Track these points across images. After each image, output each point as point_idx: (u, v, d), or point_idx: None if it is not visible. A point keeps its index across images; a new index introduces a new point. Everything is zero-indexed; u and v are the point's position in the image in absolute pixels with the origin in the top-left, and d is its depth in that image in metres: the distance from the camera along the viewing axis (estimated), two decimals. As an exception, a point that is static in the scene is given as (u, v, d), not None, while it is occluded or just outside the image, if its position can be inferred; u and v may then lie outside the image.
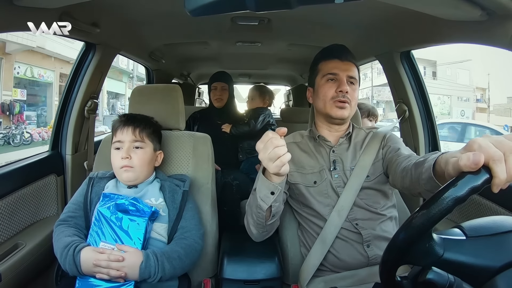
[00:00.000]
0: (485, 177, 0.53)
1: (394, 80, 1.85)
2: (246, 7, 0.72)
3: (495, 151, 0.53)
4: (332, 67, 1.23)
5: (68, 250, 1.05)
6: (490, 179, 0.53)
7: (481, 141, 0.55)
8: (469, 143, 0.58)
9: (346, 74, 1.21)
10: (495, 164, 0.53)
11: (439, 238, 0.59)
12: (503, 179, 0.53)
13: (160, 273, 1.07)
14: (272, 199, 0.98)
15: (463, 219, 1.43)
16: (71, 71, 1.73)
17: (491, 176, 0.53)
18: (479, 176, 0.53)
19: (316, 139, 1.27)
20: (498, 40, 1.05)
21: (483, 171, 0.53)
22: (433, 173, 0.77)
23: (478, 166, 0.53)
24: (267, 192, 0.98)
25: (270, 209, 1.02)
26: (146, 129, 1.25)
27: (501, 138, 0.55)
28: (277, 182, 0.96)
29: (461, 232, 0.61)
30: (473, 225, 0.63)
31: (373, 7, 1.41)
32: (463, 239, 0.60)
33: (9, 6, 1.04)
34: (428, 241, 0.58)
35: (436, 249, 0.58)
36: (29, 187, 1.45)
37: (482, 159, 0.53)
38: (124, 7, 1.52)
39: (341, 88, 1.19)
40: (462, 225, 0.63)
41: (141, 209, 1.12)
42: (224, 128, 2.49)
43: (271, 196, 0.98)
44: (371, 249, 1.14)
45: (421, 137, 1.81)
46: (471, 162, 0.53)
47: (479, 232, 0.61)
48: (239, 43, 2.34)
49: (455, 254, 0.58)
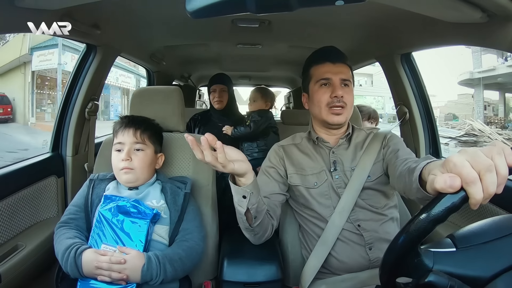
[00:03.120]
0: (462, 196, 0.53)
1: (395, 82, 1.86)
2: (246, 9, 0.72)
3: (468, 173, 0.52)
4: (324, 71, 1.21)
5: (69, 252, 1.04)
6: (467, 198, 0.53)
7: (456, 160, 0.54)
8: (445, 161, 0.57)
9: (339, 77, 1.20)
10: (469, 187, 0.52)
11: (428, 252, 0.60)
12: (479, 200, 0.52)
13: (162, 275, 1.06)
14: (246, 202, 0.97)
15: (463, 220, 1.43)
16: (72, 73, 1.74)
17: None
18: (456, 195, 0.53)
19: (315, 141, 1.27)
20: (499, 42, 1.06)
21: (460, 190, 0.53)
22: (421, 184, 0.77)
23: (454, 190, 0.53)
24: (239, 197, 0.97)
25: (249, 212, 1.02)
26: (147, 131, 1.25)
27: (478, 154, 0.54)
28: (245, 185, 0.95)
29: (451, 243, 0.62)
30: (464, 234, 0.63)
31: (374, 9, 1.41)
32: (453, 251, 0.61)
33: (10, 7, 1.04)
34: (416, 257, 0.59)
35: (425, 263, 0.59)
36: (30, 188, 1.44)
37: (458, 183, 0.52)
38: (125, 9, 1.52)
39: (335, 93, 1.18)
40: (454, 235, 0.63)
41: (143, 211, 1.12)
42: (225, 130, 2.48)
43: (244, 200, 0.97)
44: (373, 251, 1.14)
45: (421, 139, 1.81)
46: (447, 186, 0.52)
47: (470, 241, 0.61)
48: (239, 45, 2.34)
49: (444, 266, 0.59)
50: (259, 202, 1.02)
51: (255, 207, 1.00)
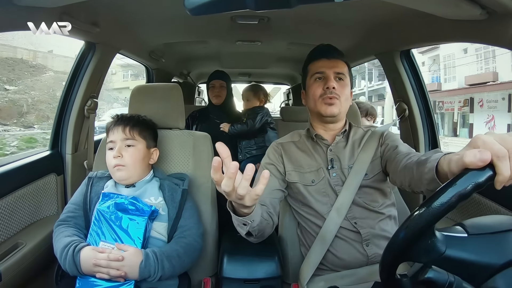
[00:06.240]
0: (488, 173, 0.52)
1: (394, 79, 1.85)
2: (246, 6, 0.72)
3: (499, 148, 0.52)
4: (319, 66, 1.23)
5: (68, 250, 1.05)
6: (493, 176, 0.52)
7: (485, 138, 0.54)
8: (473, 139, 0.57)
9: (333, 71, 1.21)
10: (500, 161, 0.52)
11: (441, 235, 0.59)
12: (507, 176, 0.52)
13: (160, 272, 1.07)
14: (247, 228, 0.97)
15: (463, 218, 1.43)
16: (71, 70, 1.73)
17: (495, 173, 0.53)
18: (483, 172, 0.52)
19: (313, 138, 1.27)
20: (498, 39, 1.05)
21: (486, 167, 0.53)
22: (436, 175, 0.77)
23: (485, 163, 0.52)
24: (240, 223, 0.96)
25: (250, 232, 1.01)
26: (137, 126, 1.25)
27: (505, 136, 0.54)
28: (246, 214, 0.91)
29: (462, 229, 0.61)
30: (475, 223, 0.63)
31: (373, 6, 1.40)
32: (465, 236, 0.60)
33: (9, 6, 1.03)
34: (431, 237, 0.58)
35: (438, 246, 0.58)
36: (29, 186, 1.44)
37: (489, 156, 0.52)
38: (124, 6, 1.51)
39: (327, 84, 1.19)
40: (463, 223, 0.63)
41: (141, 208, 1.12)
42: (223, 128, 2.49)
43: (245, 226, 0.96)
44: (370, 247, 1.14)
45: (421, 136, 1.81)
46: (477, 159, 0.52)
47: (480, 230, 0.61)
48: (239, 42, 2.33)
49: (457, 251, 0.58)
50: (261, 222, 1.02)
51: (256, 229, 1.01)
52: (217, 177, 0.69)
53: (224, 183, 0.69)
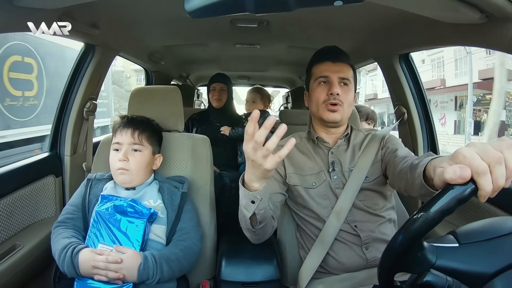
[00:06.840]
0: (471, 188, 0.52)
1: (393, 82, 1.86)
2: (245, 9, 0.72)
3: (479, 164, 0.52)
4: (324, 69, 1.22)
5: (66, 252, 1.04)
6: (476, 190, 0.52)
7: (466, 152, 0.54)
8: (455, 153, 0.57)
9: (338, 76, 1.20)
10: (480, 177, 0.52)
11: (431, 246, 0.59)
12: (489, 191, 0.52)
13: (159, 275, 1.06)
14: (254, 207, 0.96)
15: (461, 221, 1.43)
16: (70, 72, 1.73)
17: (477, 187, 0.52)
18: (465, 187, 0.52)
19: (314, 140, 1.27)
20: (497, 43, 1.06)
21: (469, 182, 0.52)
22: (424, 180, 0.77)
23: (465, 180, 0.52)
24: (248, 201, 0.96)
25: (255, 216, 1.00)
26: (146, 132, 1.24)
27: (487, 147, 0.53)
28: (257, 190, 0.92)
29: (454, 239, 0.62)
30: (467, 231, 0.63)
31: (372, 10, 1.41)
32: (456, 246, 0.60)
33: (8, 7, 1.03)
34: (420, 250, 0.58)
35: (428, 257, 0.58)
36: (27, 188, 1.44)
37: (469, 174, 0.52)
38: (124, 9, 1.52)
39: (331, 90, 1.18)
40: (456, 231, 0.63)
41: (140, 210, 1.12)
42: (223, 131, 2.49)
43: (252, 204, 0.96)
44: (369, 251, 1.14)
45: (419, 139, 1.81)
46: (457, 176, 0.52)
47: (472, 238, 0.61)
48: (238, 45, 2.34)
49: (447, 262, 0.58)
50: (266, 208, 1.01)
51: (262, 212, 0.99)
52: (251, 129, 0.78)
53: (259, 133, 0.78)
